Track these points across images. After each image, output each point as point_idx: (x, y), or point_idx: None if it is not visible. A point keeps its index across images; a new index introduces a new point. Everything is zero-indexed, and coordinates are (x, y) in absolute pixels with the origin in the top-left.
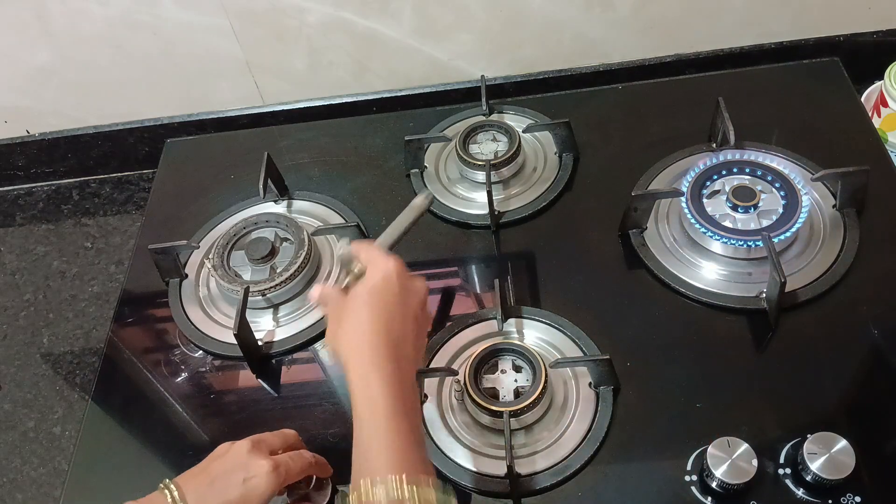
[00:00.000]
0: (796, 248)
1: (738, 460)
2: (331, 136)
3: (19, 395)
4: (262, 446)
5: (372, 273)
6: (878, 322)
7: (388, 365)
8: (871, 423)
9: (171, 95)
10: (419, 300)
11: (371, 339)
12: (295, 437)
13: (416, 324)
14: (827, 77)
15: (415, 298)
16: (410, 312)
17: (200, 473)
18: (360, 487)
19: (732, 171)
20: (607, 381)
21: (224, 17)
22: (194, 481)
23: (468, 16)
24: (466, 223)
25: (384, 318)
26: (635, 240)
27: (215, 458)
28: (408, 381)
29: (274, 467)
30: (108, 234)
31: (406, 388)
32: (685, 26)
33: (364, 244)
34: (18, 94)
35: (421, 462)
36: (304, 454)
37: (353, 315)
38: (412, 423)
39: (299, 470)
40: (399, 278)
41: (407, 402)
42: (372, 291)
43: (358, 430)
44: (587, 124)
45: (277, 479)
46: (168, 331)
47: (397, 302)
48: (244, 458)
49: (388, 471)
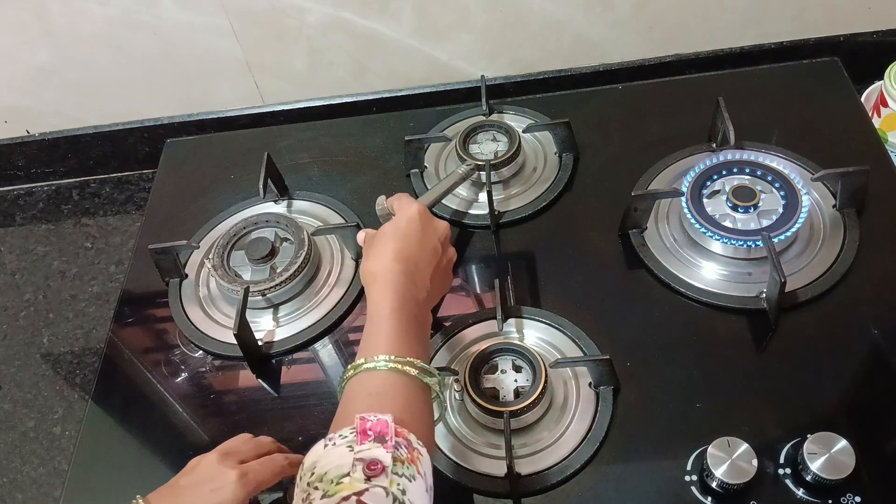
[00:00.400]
0: (796, 248)
1: (738, 460)
2: (331, 136)
3: (19, 395)
4: (232, 456)
5: (399, 215)
6: (878, 322)
7: (403, 280)
8: (871, 423)
9: (171, 95)
10: (440, 237)
11: (390, 262)
12: (271, 443)
13: (436, 255)
14: (827, 77)
15: (435, 235)
16: (430, 245)
17: (170, 489)
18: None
19: (732, 171)
20: (607, 381)
21: (224, 17)
22: (163, 497)
23: (468, 16)
24: (466, 223)
25: (404, 247)
26: (635, 240)
27: (185, 473)
28: (420, 301)
29: (241, 475)
30: (108, 234)
31: (417, 304)
32: (685, 26)
33: (398, 195)
34: (18, 94)
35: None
36: (275, 458)
37: (378, 245)
38: (417, 330)
39: (271, 475)
40: (421, 218)
41: (414, 313)
42: (396, 228)
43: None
44: (587, 124)
45: (245, 487)
46: (168, 331)
47: (418, 237)
48: (212, 469)
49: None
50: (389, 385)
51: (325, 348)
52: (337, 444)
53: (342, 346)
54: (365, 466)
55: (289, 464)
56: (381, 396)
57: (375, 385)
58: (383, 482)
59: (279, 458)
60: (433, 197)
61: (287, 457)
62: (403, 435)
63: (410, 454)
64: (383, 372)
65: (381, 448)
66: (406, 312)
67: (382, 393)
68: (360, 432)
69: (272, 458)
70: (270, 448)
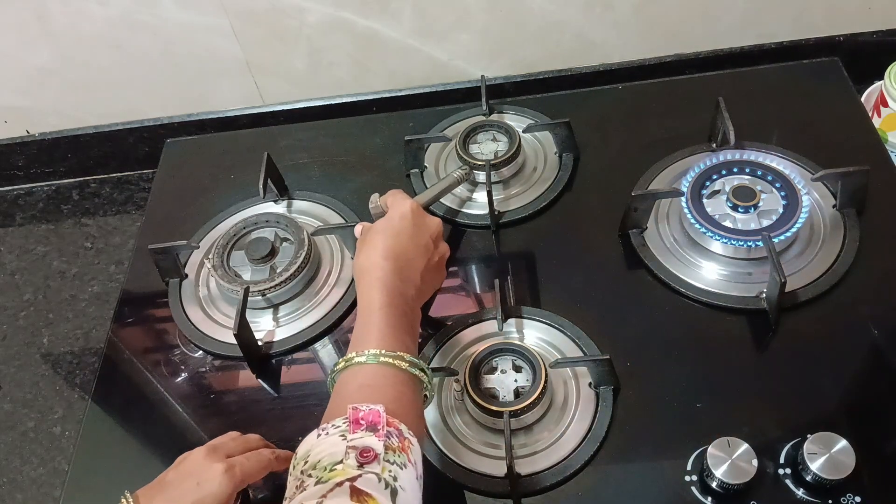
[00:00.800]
0: (796, 248)
1: (738, 460)
2: (331, 136)
3: (19, 395)
4: (219, 450)
5: (391, 212)
6: (878, 322)
7: (392, 277)
8: (871, 423)
9: (171, 95)
10: (432, 234)
11: (380, 258)
12: (258, 440)
13: (427, 252)
14: (827, 77)
15: (426, 232)
16: (421, 242)
17: (157, 484)
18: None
19: (732, 171)
20: (607, 381)
21: (224, 17)
22: (150, 492)
23: (468, 16)
24: (466, 223)
25: (395, 243)
26: (635, 240)
27: (172, 468)
28: (409, 297)
29: (227, 468)
30: (108, 234)
31: (406, 301)
32: (685, 26)
33: (391, 192)
34: (18, 94)
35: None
36: (262, 453)
37: (369, 241)
38: (406, 325)
39: (257, 469)
40: (413, 215)
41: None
42: (388, 224)
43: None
44: (587, 124)
45: (232, 481)
46: (168, 331)
47: (410, 233)
48: (199, 463)
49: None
50: (380, 377)
51: (325, 348)
52: (330, 434)
53: (342, 346)
54: (358, 454)
55: (276, 458)
56: (373, 388)
57: (367, 377)
58: (375, 469)
59: (266, 452)
60: (428, 198)
61: (274, 451)
62: (395, 425)
63: (402, 443)
64: (374, 365)
65: (373, 437)
66: (395, 308)
67: (374, 385)
68: (352, 422)
69: (259, 453)
70: (258, 444)
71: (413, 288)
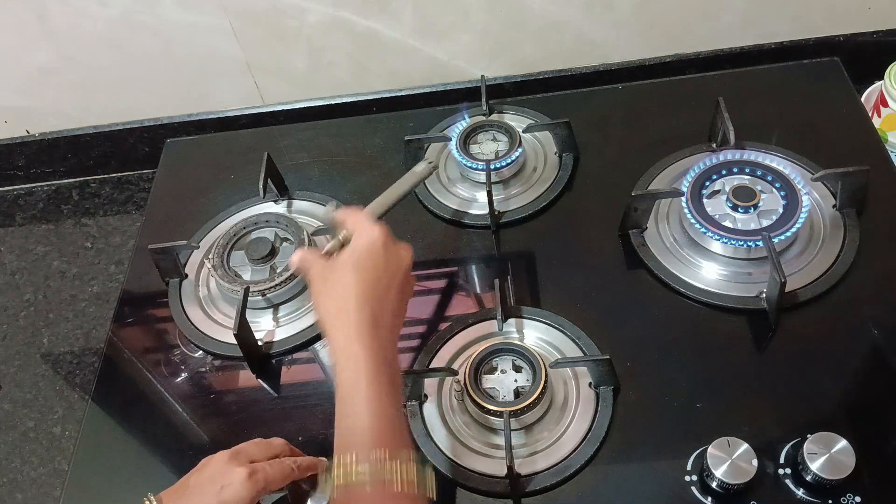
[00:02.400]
0: (796, 248)
1: (738, 460)
2: (331, 136)
3: (19, 395)
4: (242, 456)
5: (357, 241)
6: (878, 322)
7: (371, 332)
8: (871, 423)
9: (171, 95)
10: (403, 269)
11: (355, 308)
12: (283, 444)
13: (400, 292)
14: (827, 77)
15: (399, 267)
16: (395, 282)
17: (179, 487)
18: (344, 466)
19: (732, 171)
20: (607, 381)
21: (224, 17)
22: (173, 495)
23: (468, 16)
24: (466, 223)
25: (368, 286)
26: (635, 240)
27: (194, 472)
28: (388, 349)
29: (250, 474)
30: (108, 234)
31: (387, 355)
32: (685, 26)
33: (351, 210)
34: (18, 94)
35: (401, 434)
36: (284, 461)
37: (338, 283)
38: (393, 392)
39: (280, 477)
40: (384, 247)
41: (388, 371)
42: (357, 259)
43: (340, 399)
44: (587, 124)
45: (255, 486)
46: (168, 331)
47: (382, 270)
48: (221, 468)
49: (372, 446)
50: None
51: (325, 348)
52: None
53: None
54: None
55: (297, 467)
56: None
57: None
58: None
59: (288, 461)
60: (386, 205)
61: (296, 460)
62: None
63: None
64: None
65: None
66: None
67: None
68: None
69: (281, 461)
70: (283, 450)
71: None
